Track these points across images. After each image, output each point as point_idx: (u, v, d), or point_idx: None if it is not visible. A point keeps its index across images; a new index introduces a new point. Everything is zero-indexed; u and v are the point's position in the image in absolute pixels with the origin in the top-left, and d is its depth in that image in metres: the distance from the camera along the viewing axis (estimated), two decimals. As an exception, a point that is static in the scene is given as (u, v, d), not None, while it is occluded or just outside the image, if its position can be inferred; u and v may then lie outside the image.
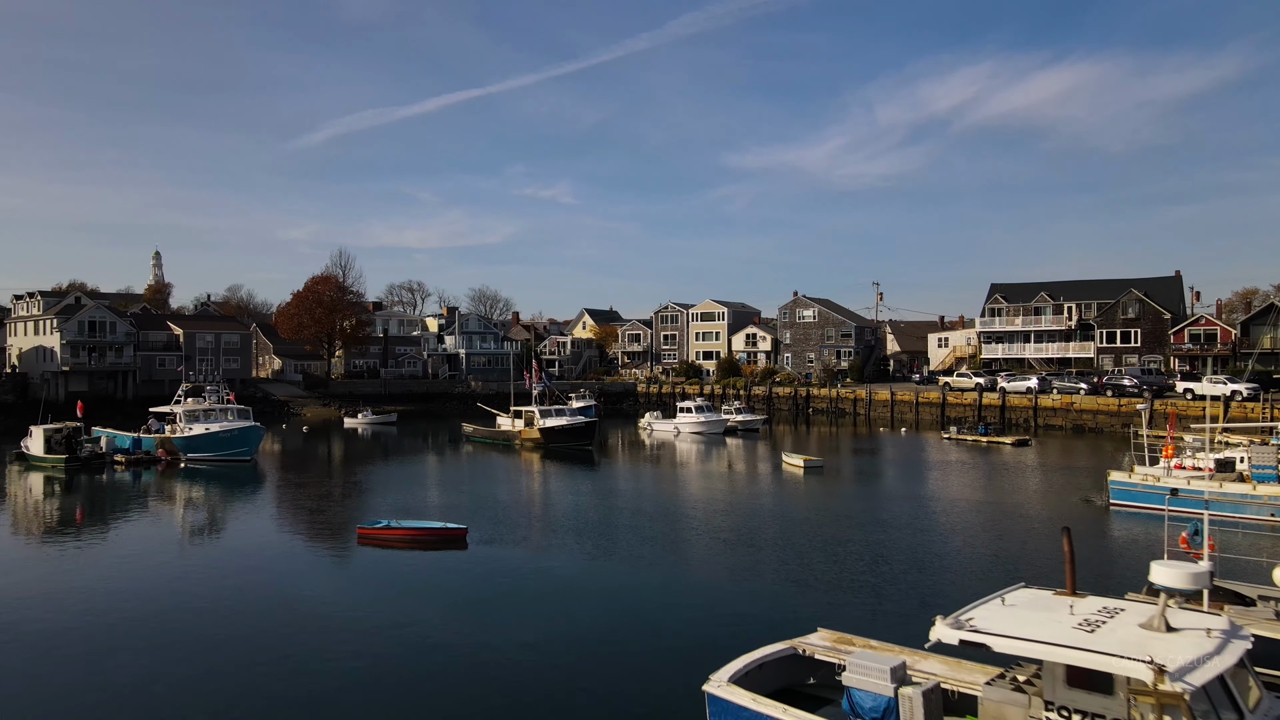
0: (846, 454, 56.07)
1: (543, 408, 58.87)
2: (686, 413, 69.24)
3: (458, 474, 47.51)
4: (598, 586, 23.04)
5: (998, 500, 36.84)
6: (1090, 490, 37.47)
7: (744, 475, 46.59)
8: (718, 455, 55.74)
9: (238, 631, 19.15)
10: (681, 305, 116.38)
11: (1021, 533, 29.56)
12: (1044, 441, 59.74)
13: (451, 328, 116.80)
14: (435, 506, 34.68)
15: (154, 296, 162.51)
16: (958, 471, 46.03)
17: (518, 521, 31.58)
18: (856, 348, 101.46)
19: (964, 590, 20.17)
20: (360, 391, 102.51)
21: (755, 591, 22.33)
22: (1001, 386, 75.45)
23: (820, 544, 27.49)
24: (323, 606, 21.10)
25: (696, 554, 26.66)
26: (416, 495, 38.55)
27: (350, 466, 50.94)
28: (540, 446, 57.13)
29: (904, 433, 67.77)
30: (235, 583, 23.57)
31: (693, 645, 17.47)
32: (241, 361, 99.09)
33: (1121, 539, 28.57)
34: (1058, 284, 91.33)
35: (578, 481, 43.31)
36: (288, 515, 34.88)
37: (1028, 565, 23.84)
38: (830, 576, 23.55)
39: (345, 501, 37.07)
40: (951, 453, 54.30)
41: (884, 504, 35.74)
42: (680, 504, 36.14)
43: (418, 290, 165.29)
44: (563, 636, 18.52)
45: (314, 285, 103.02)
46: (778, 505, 36.00)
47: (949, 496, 37.66)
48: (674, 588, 22.79)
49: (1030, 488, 40.66)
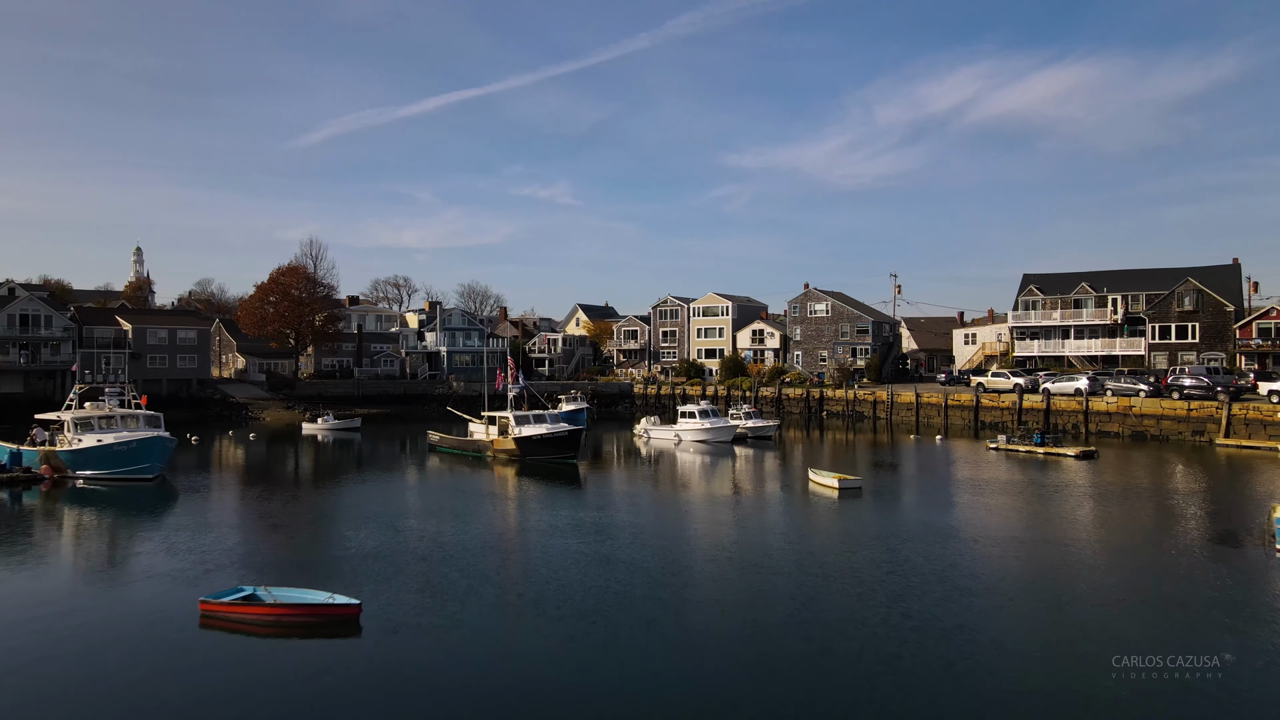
0: (880, 469, 47.07)
1: (519, 413, 49.76)
2: (689, 418, 60.21)
3: (404, 498, 38.42)
4: (571, 711, 14.11)
5: (1124, 541, 27.74)
6: (1224, 522, 28.60)
7: (766, 501, 37.45)
8: (728, 470, 46.77)
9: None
10: (682, 299, 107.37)
11: (1190, 585, 20.59)
12: (1108, 453, 50.70)
13: (432, 324, 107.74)
14: (344, 556, 25.58)
15: (134, 294, 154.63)
16: (1030, 495, 36.97)
17: (453, 583, 22.42)
18: (874, 345, 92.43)
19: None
20: (330, 393, 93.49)
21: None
22: (1045, 388, 66.45)
23: (921, 623, 18.50)
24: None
25: (729, 642, 17.69)
26: (333, 535, 29.50)
27: (278, 489, 41.85)
28: (516, 459, 48.17)
29: (938, 441, 58.69)
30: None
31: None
32: (199, 360, 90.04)
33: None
34: (1100, 274, 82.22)
35: (555, 510, 34.26)
36: (137, 568, 24.85)
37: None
38: (987, 684, 14.56)
39: (234, 546, 27.66)
40: (1005, 468, 45.28)
41: (963, 549, 26.59)
42: (692, 549, 27.13)
43: (404, 285, 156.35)
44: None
45: (280, 277, 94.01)
46: (827, 553, 26.82)
47: (1048, 535, 28.57)
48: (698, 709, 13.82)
49: (1145, 520, 31.42)
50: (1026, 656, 16.96)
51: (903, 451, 55.42)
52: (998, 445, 52.33)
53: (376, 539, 27.89)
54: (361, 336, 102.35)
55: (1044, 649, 17.36)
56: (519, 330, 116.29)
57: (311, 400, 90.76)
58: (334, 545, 27.49)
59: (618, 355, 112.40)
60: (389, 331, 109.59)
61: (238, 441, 63.68)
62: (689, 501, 36.88)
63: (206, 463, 51.52)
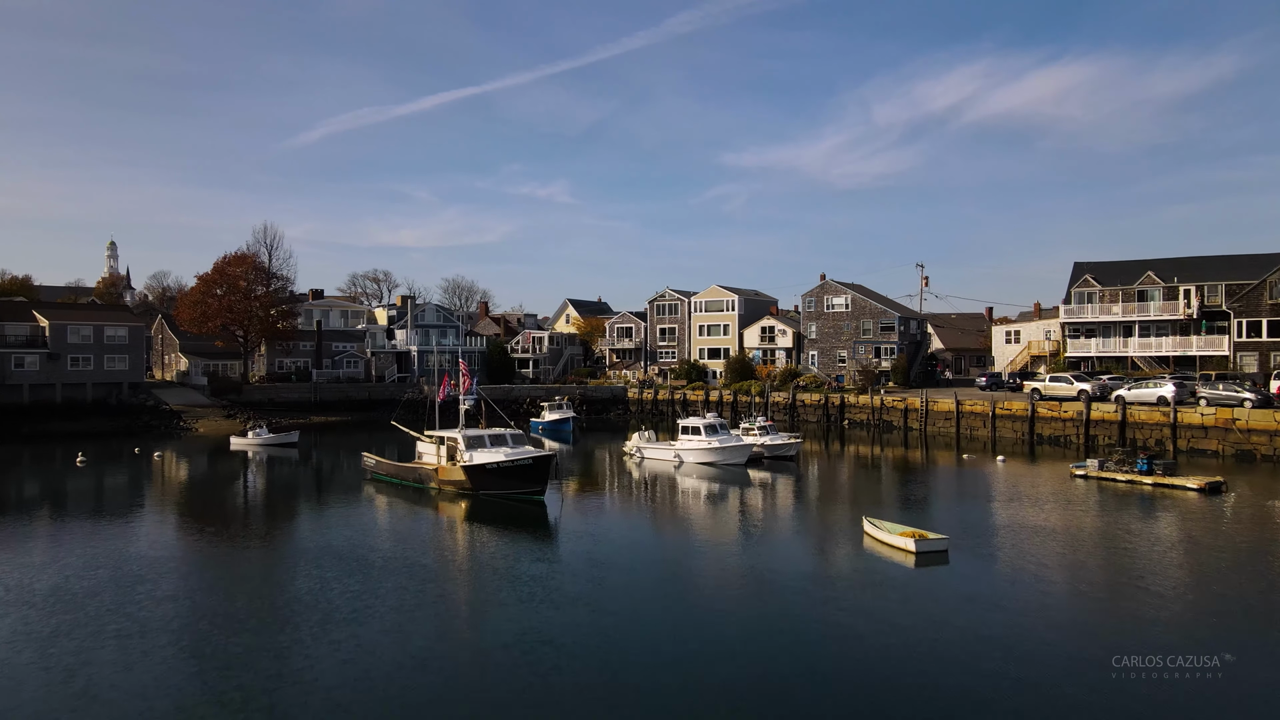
0: (943, 506, 35.82)
1: (471, 433, 38.30)
2: (692, 435, 48.83)
3: (285, 566, 27.02)
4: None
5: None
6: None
7: (814, 577, 25.57)
8: (746, 512, 35.52)
9: None
10: (682, 293, 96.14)
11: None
12: (1239, 483, 39.43)
13: (403, 320, 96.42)
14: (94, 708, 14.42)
15: (107, 290, 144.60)
16: (1192, 551, 25.70)
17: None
18: (900, 344, 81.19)
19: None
20: (283, 399, 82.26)
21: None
22: (1119, 395, 55.28)
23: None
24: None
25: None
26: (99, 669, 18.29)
27: (104, 546, 30.53)
28: (466, 493, 36.92)
29: (1000, 464, 47.40)
30: None
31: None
32: (131, 361, 78.51)
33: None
34: (1167, 261, 70.98)
35: (504, 591, 23.02)
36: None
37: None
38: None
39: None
40: (1114, 508, 34.04)
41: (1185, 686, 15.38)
42: (710, 687, 15.89)
43: (384, 281, 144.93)
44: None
45: (225, 267, 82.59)
46: (942, 691, 15.60)
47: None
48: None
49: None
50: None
51: (959, 479, 44.19)
52: (1085, 472, 41.10)
53: (163, 667, 16.61)
54: (321, 334, 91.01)
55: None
56: (500, 328, 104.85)
57: (260, 407, 79.57)
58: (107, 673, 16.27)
59: (610, 356, 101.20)
60: (355, 329, 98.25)
61: (137, 461, 52.08)
62: (697, 577, 25.49)
63: (54, 493, 40.08)
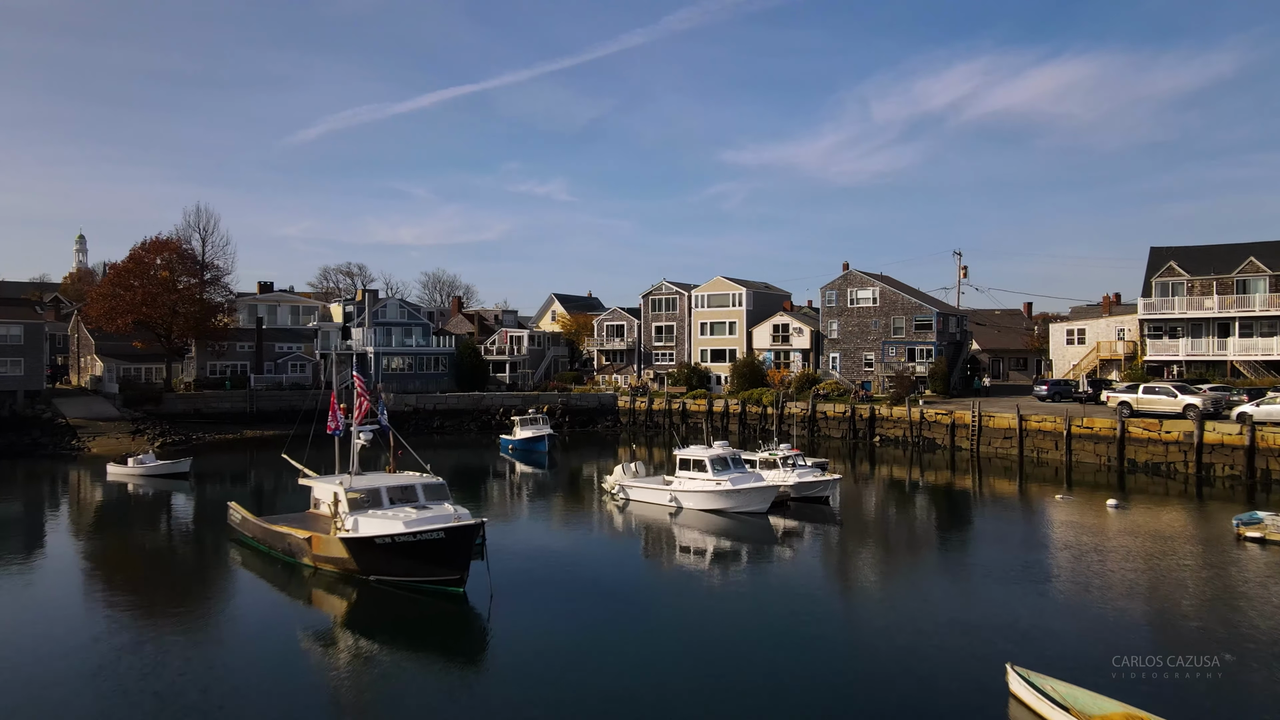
0: (1106, 608, 23.29)
1: (362, 486, 25.63)
2: (695, 469, 35.87)
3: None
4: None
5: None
6: None
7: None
8: (779, 610, 22.75)
9: None
10: (681, 286, 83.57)
11: None
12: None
13: (360, 318, 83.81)
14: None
15: (73, 285, 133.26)
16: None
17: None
18: (939, 345, 68.63)
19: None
20: (212, 409, 69.89)
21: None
22: (1244, 412, 42.83)
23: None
24: None
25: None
26: None
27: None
28: (352, 575, 24.36)
29: (1110, 509, 34.84)
30: None
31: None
32: (28, 365, 65.98)
33: None
34: (1272, 245, 58.46)
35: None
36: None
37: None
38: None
39: None
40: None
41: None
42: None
43: (358, 274, 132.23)
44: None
45: (143, 254, 70.05)
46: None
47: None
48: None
49: None
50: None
51: (1078, 535, 31.54)
52: (1262, 533, 28.60)
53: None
54: (262, 334, 78.45)
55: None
56: (475, 325, 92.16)
57: (181, 420, 67.24)
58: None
59: (599, 358, 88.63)
60: (305, 328, 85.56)
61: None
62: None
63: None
